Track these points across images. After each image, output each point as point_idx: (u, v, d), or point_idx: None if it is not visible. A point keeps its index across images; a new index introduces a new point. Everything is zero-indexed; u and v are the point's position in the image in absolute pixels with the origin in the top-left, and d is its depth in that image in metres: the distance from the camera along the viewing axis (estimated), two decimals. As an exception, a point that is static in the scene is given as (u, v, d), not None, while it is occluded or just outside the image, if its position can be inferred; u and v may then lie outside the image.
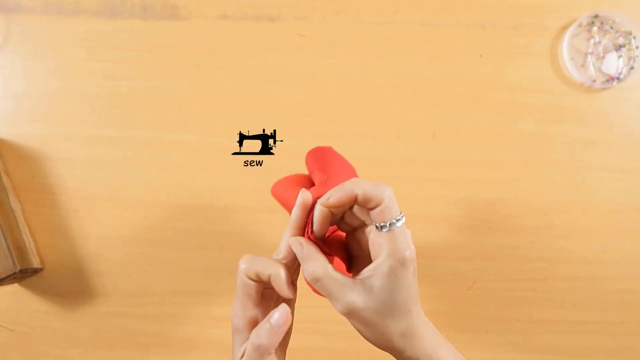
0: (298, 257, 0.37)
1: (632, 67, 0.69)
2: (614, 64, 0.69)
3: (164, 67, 0.68)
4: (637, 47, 0.69)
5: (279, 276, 0.36)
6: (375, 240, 0.37)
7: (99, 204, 0.67)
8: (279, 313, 0.36)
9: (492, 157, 0.68)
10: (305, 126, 0.68)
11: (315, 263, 0.36)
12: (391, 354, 0.39)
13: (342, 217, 0.40)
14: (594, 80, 0.68)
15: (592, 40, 0.69)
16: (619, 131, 0.68)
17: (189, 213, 0.67)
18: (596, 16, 0.69)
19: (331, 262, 0.38)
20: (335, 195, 0.36)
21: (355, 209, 0.39)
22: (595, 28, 0.69)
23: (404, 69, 0.69)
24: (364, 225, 0.39)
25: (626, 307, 0.68)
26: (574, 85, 0.69)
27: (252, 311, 0.38)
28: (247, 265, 0.37)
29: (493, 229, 0.68)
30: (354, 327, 0.38)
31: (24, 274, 0.64)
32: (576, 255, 0.68)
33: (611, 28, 0.69)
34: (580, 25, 0.69)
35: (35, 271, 0.66)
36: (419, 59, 0.69)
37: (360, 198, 0.36)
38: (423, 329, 0.38)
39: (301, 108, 0.68)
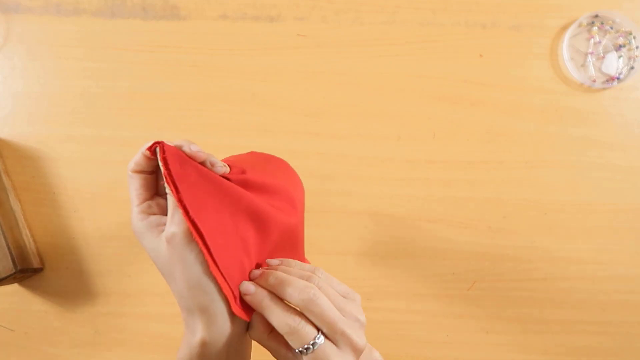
0: None
1: (632, 67, 0.69)
2: (614, 64, 0.69)
3: (164, 67, 0.68)
4: (637, 47, 0.69)
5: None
6: None
7: (99, 204, 0.67)
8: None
9: (492, 157, 0.68)
10: (305, 126, 0.68)
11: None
12: None
13: None
14: (594, 80, 0.68)
15: (592, 40, 0.69)
16: (619, 131, 0.68)
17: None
18: (596, 16, 0.69)
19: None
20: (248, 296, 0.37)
21: None
22: (595, 28, 0.69)
23: (404, 69, 0.69)
24: None
25: (626, 307, 0.68)
26: (574, 85, 0.69)
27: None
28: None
29: (493, 229, 0.68)
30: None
31: (24, 274, 0.63)
32: (576, 255, 0.68)
33: (611, 28, 0.69)
34: (580, 25, 0.69)
35: (35, 271, 0.66)
36: (419, 59, 0.69)
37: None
38: None
39: (301, 108, 0.68)
